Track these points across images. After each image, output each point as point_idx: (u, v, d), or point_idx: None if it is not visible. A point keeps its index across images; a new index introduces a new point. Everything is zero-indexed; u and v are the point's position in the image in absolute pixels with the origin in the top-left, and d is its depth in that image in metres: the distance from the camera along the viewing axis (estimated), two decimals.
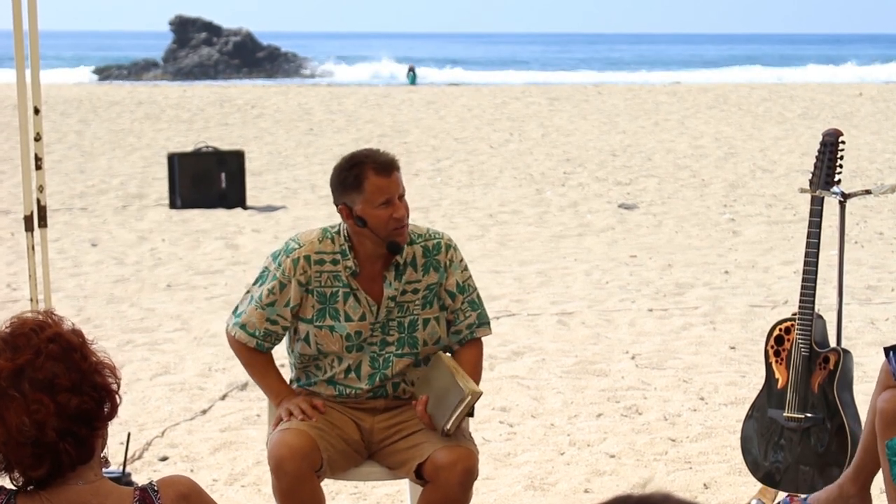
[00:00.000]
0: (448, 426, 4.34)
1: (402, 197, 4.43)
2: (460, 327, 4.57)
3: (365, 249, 4.46)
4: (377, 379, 4.51)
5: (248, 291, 4.58)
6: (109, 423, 2.85)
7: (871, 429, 4.71)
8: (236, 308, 4.59)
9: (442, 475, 4.30)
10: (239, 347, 4.56)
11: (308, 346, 4.51)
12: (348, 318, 4.46)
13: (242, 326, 4.52)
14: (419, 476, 4.37)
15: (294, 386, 4.63)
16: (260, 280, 4.53)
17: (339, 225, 4.51)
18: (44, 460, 2.77)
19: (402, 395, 4.56)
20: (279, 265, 4.48)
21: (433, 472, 4.32)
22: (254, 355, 4.56)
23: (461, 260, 4.58)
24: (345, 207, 4.41)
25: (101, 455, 2.87)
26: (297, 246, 4.48)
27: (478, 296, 4.62)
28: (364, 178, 4.36)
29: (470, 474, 4.33)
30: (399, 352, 4.51)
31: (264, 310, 4.48)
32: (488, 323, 4.65)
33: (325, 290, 4.46)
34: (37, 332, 2.79)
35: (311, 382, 4.57)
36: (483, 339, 4.64)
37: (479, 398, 4.33)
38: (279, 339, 4.56)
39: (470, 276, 4.61)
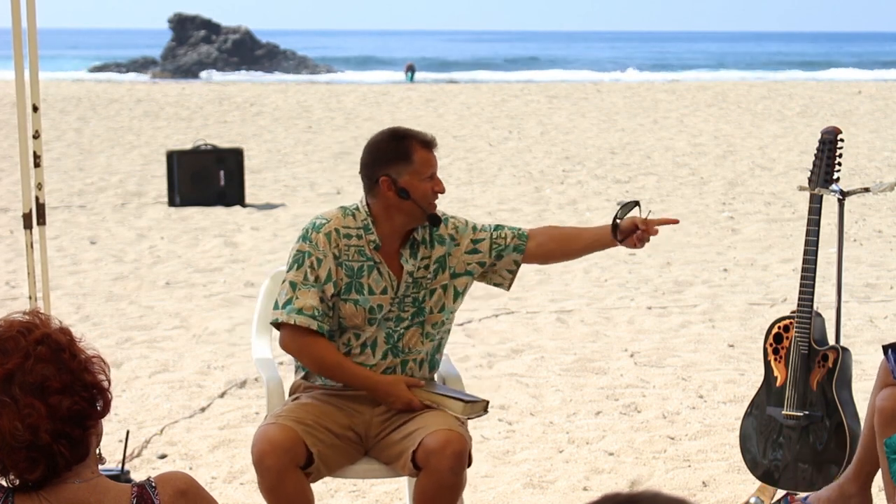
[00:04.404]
0: (467, 412, 4.46)
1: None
2: (510, 242, 4.63)
3: (391, 224, 4.51)
4: (389, 352, 4.53)
5: (284, 281, 4.48)
6: (103, 419, 2.85)
7: (870, 427, 4.71)
8: (276, 303, 4.48)
9: (432, 461, 4.27)
10: (301, 341, 4.42)
11: (331, 319, 4.51)
12: (371, 292, 4.49)
13: (300, 311, 4.41)
14: (417, 468, 4.36)
15: (300, 373, 4.61)
16: (296, 264, 4.45)
17: (359, 202, 4.56)
18: (39, 463, 2.76)
19: (409, 376, 4.57)
20: (311, 242, 4.45)
21: (424, 458, 4.30)
22: (322, 345, 4.44)
23: (461, 218, 4.69)
24: (387, 179, 4.45)
25: (97, 451, 2.86)
26: (324, 221, 4.50)
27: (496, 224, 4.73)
28: (412, 150, 4.47)
29: (460, 458, 4.29)
30: (409, 323, 4.55)
31: (314, 287, 4.43)
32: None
33: (352, 263, 4.49)
34: (24, 335, 2.77)
35: None
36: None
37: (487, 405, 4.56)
38: (331, 321, 4.48)
39: (475, 222, 4.71)
